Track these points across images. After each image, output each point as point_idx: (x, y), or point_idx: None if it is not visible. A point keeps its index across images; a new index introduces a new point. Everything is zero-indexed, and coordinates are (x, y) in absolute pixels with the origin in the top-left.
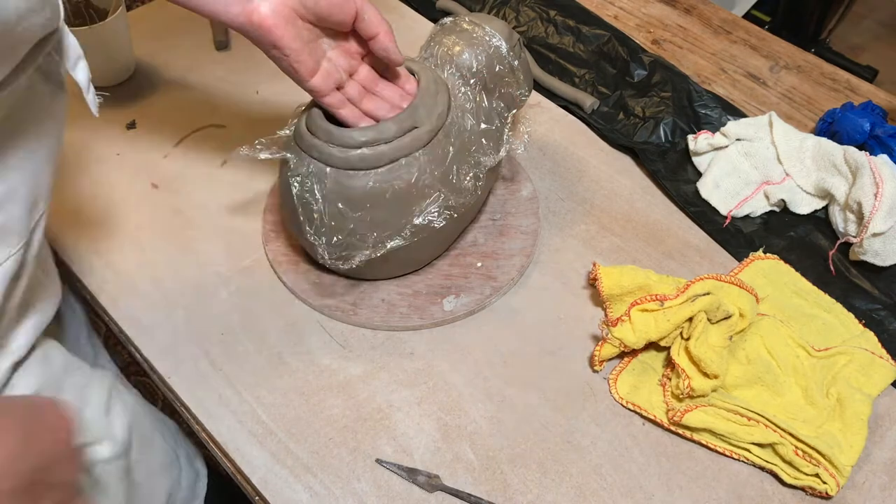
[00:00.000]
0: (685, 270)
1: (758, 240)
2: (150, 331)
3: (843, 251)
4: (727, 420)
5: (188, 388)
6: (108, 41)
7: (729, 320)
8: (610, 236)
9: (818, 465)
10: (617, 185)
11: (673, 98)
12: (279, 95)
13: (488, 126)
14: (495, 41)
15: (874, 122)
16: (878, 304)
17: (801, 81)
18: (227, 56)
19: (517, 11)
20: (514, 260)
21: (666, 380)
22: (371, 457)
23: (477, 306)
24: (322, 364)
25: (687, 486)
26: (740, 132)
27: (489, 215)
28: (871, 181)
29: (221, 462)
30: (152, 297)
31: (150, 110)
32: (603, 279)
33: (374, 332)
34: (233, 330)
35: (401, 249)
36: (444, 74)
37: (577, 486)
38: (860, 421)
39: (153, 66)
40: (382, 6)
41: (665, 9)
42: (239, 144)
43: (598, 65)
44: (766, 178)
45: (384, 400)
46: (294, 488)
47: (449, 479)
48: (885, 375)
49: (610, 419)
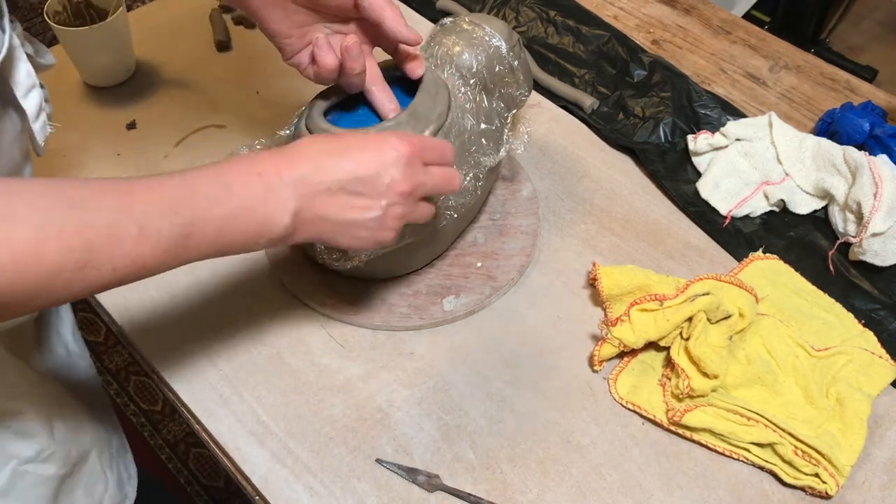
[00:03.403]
0: (685, 270)
1: (757, 240)
2: (150, 331)
3: (842, 251)
4: (727, 420)
5: (188, 388)
6: (108, 41)
7: (728, 320)
8: (610, 236)
9: (818, 464)
10: (617, 185)
11: (672, 98)
12: (279, 95)
13: (488, 126)
14: (495, 41)
15: (873, 122)
16: (878, 303)
17: (801, 81)
18: (227, 56)
19: (517, 12)
20: (513, 260)
21: (666, 380)
22: (371, 456)
23: (477, 306)
24: (322, 364)
25: (687, 486)
26: (740, 132)
27: (489, 215)
28: (871, 181)
29: (221, 462)
30: (152, 297)
31: (151, 110)
32: (603, 279)
33: (374, 332)
34: (233, 330)
35: (401, 249)
36: (444, 74)
37: (577, 485)
38: (860, 421)
39: (153, 66)
40: None
41: (665, 9)
42: (239, 144)
43: (598, 65)
44: (766, 178)
45: (384, 400)
46: (294, 488)
47: (449, 479)
48: (884, 375)
49: (610, 419)
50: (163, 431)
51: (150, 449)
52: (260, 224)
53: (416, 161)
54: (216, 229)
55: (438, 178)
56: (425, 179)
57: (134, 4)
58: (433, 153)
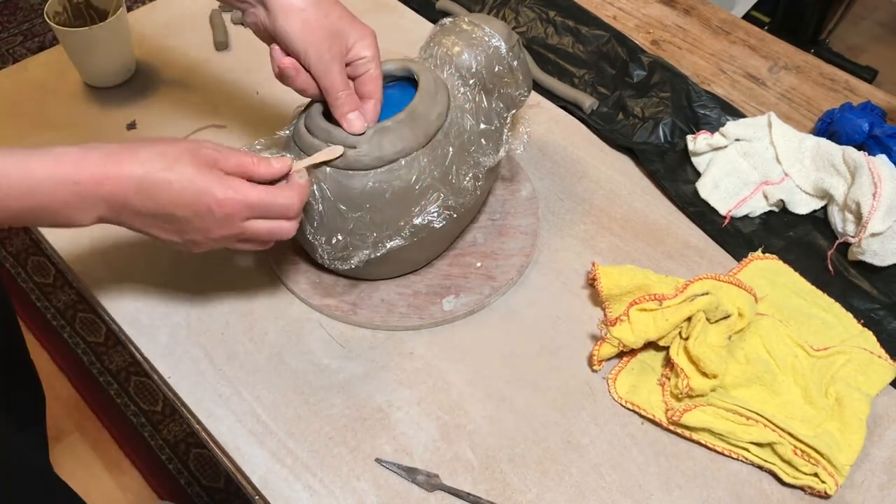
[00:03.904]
0: (684, 270)
1: (757, 240)
2: (150, 331)
3: (841, 251)
4: (726, 419)
5: (188, 388)
6: (108, 41)
7: (728, 320)
8: (609, 236)
9: (817, 464)
10: (616, 186)
11: (672, 98)
12: (279, 95)
13: (488, 126)
14: (494, 42)
15: (873, 123)
16: (877, 303)
17: (801, 82)
18: (227, 56)
19: (516, 12)
20: (513, 260)
21: (665, 379)
22: (371, 456)
23: (476, 306)
24: (322, 364)
25: (686, 486)
26: (739, 132)
27: (489, 215)
28: (870, 181)
29: (221, 462)
30: (152, 297)
31: (151, 110)
32: (602, 279)
33: (374, 332)
34: (233, 330)
35: (400, 249)
36: (444, 75)
37: (577, 485)
38: (859, 420)
39: (153, 66)
40: (382, 6)
41: (664, 9)
42: (239, 144)
43: (598, 65)
44: (765, 178)
45: (384, 399)
46: (294, 487)
47: (448, 479)
48: (883, 375)
49: (609, 419)
50: (163, 431)
51: (150, 449)
52: (59, 220)
53: (234, 217)
54: (14, 215)
55: (262, 232)
56: (241, 231)
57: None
58: (272, 211)
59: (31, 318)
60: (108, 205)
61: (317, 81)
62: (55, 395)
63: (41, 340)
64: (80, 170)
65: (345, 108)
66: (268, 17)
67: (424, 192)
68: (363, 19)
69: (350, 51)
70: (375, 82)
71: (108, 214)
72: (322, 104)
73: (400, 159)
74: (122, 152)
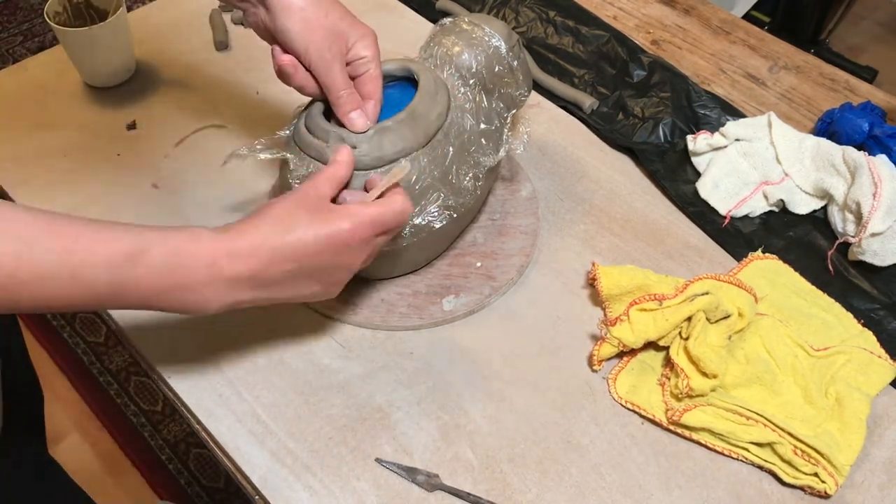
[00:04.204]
0: (684, 270)
1: (757, 240)
2: (150, 331)
3: (841, 251)
4: (726, 419)
5: (188, 388)
6: (108, 41)
7: (728, 320)
8: (609, 236)
9: (817, 464)
10: (616, 186)
11: (672, 98)
12: (279, 95)
13: (488, 126)
14: (494, 41)
15: (873, 123)
16: (877, 303)
17: (801, 82)
18: (227, 56)
19: (517, 12)
20: (513, 260)
21: (665, 379)
22: (371, 456)
23: (476, 306)
24: (322, 364)
25: (686, 486)
26: (739, 132)
27: (489, 215)
28: (870, 181)
29: (221, 462)
30: None
31: (151, 110)
32: (602, 279)
33: (374, 332)
34: (233, 330)
35: (401, 250)
36: (444, 75)
37: (577, 485)
38: (859, 420)
39: (153, 66)
40: (382, 6)
41: (664, 9)
42: (239, 144)
43: (598, 65)
44: (765, 178)
45: (384, 399)
46: (294, 487)
47: (448, 479)
48: (883, 375)
49: (609, 419)
50: (163, 431)
51: (150, 449)
52: (188, 305)
53: (368, 240)
54: (144, 298)
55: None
56: (375, 248)
57: (134, 4)
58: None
59: (31, 318)
60: (239, 287)
61: (318, 80)
62: (55, 395)
63: (41, 340)
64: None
65: (347, 106)
66: (268, 16)
67: (424, 192)
68: (363, 19)
69: (350, 50)
70: (375, 82)
71: (241, 298)
72: (322, 104)
73: (400, 159)
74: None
